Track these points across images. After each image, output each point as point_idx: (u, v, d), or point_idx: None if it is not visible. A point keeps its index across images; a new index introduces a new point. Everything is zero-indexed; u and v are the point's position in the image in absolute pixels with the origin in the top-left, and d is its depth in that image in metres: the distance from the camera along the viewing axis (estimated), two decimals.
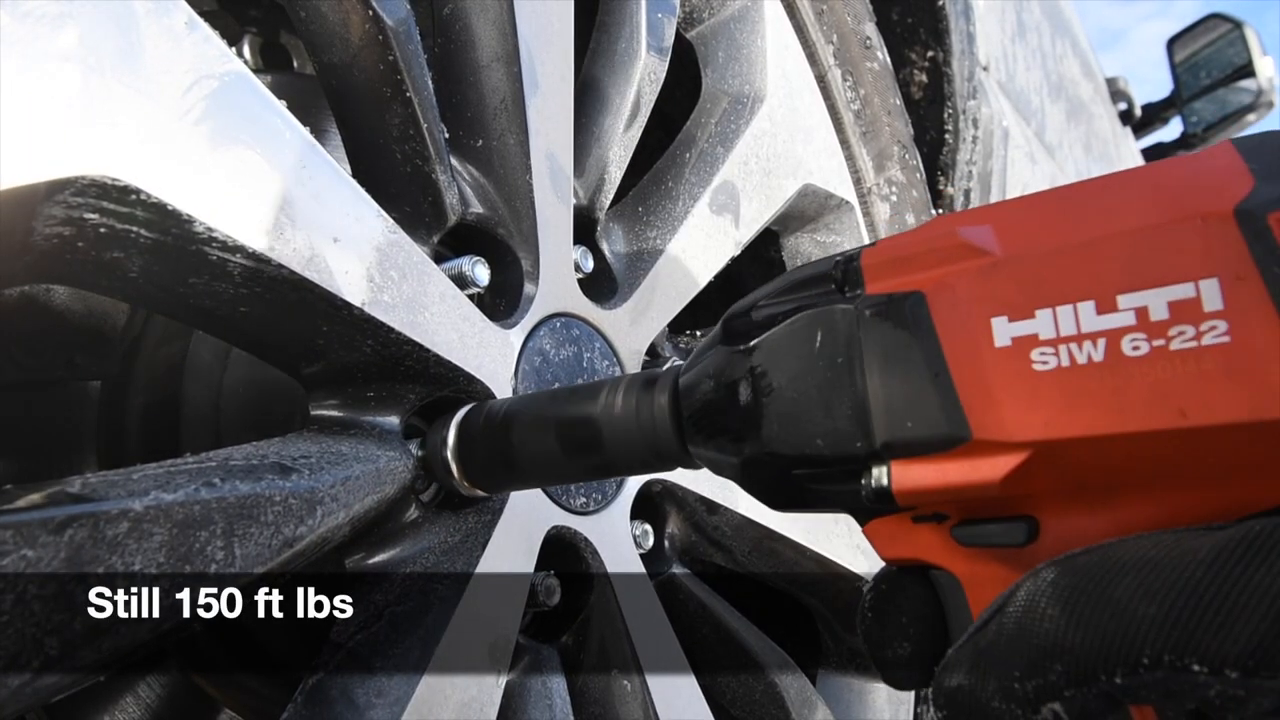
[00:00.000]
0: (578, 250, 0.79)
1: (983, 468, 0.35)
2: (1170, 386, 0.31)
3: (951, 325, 0.36)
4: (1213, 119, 3.76)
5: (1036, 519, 0.36)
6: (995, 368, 0.35)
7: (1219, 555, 0.29)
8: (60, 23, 0.41)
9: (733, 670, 0.88)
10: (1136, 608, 0.30)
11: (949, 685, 0.35)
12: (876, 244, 0.40)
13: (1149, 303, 0.32)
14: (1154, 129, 3.93)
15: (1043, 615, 0.32)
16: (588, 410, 0.51)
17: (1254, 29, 3.62)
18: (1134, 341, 0.32)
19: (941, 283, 0.36)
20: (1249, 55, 3.58)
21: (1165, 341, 0.31)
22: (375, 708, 0.53)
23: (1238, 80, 3.64)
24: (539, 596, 0.69)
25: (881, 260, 0.39)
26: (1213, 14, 3.78)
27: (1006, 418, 0.34)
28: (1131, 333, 0.32)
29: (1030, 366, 0.34)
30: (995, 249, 0.36)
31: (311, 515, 0.49)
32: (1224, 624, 0.28)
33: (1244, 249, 0.30)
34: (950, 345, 0.36)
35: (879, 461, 0.38)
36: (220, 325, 0.54)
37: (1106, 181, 0.35)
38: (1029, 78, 1.90)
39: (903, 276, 0.38)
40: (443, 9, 0.71)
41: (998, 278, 0.35)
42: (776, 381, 0.41)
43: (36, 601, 0.36)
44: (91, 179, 0.41)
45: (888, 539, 0.41)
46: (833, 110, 1.09)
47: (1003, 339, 0.34)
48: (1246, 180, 0.31)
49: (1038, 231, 0.35)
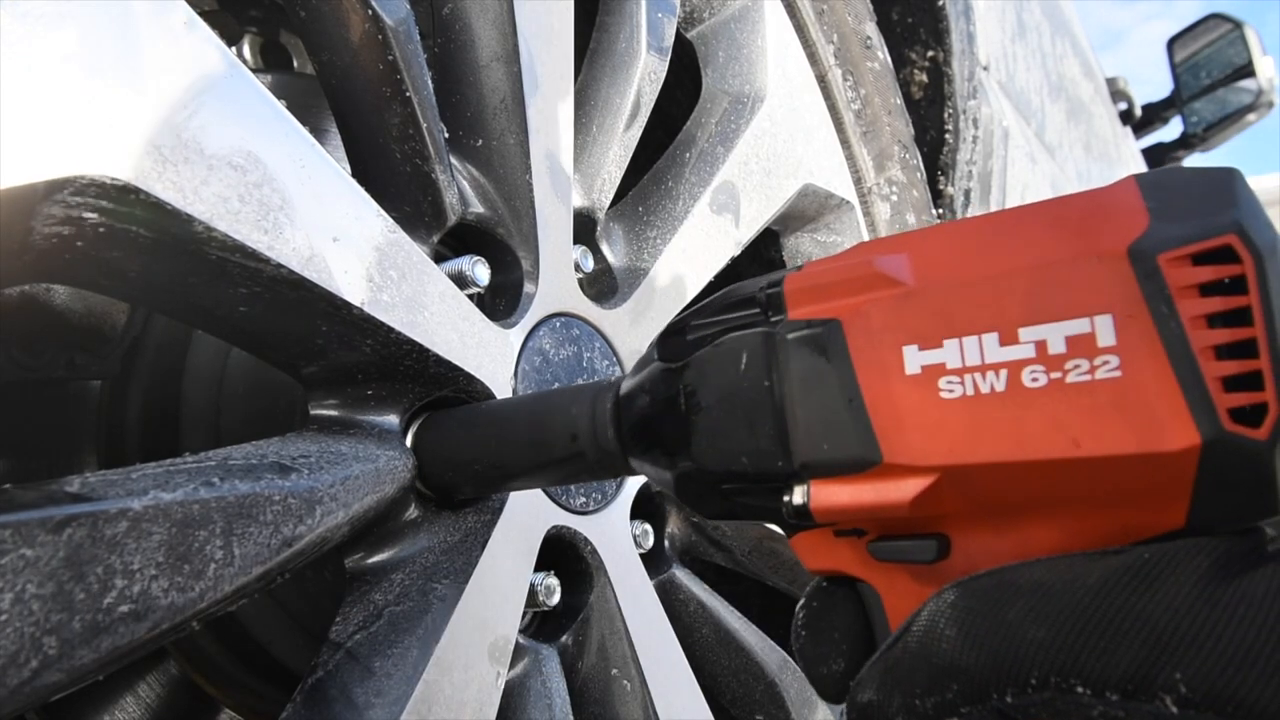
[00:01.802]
0: (578, 250, 0.79)
1: (893, 489, 0.37)
2: (1065, 418, 0.33)
3: (865, 352, 0.37)
4: (1213, 119, 3.76)
5: (948, 536, 0.37)
6: (905, 394, 0.36)
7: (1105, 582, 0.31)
8: (60, 23, 0.41)
9: (733, 670, 0.88)
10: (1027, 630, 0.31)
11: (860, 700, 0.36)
12: (802, 268, 0.42)
13: (1047, 336, 0.33)
14: (1154, 129, 3.93)
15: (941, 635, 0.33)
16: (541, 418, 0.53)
17: (1254, 29, 3.62)
18: (1033, 373, 0.33)
19: (857, 311, 0.38)
20: (1249, 55, 3.58)
21: (1062, 374, 0.33)
22: (375, 708, 0.52)
23: (1238, 80, 3.65)
24: (539, 596, 0.69)
25: (803, 286, 0.40)
26: (1213, 14, 3.79)
27: (914, 442, 0.36)
28: (1031, 365, 0.33)
29: (938, 394, 0.35)
30: (908, 279, 0.37)
31: (311, 515, 0.49)
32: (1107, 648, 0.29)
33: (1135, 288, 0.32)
34: (864, 372, 0.37)
35: (799, 480, 0.40)
36: (220, 325, 0.54)
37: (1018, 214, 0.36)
38: (1029, 78, 1.90)
39: (822, 303, 0.39)
40: (443, 9, 0.71)
41: (910, 308, 0.36)
42: (705, 400, 0.43)
43: (35, 601, 0.36)
44: (90, 178, 0.41)
45: (811, 551, 0.42)
46: (833, 110, 1.09)
47: (913, 367, 0.36)
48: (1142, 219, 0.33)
49: (949, 263, 0.36)
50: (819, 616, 0.42)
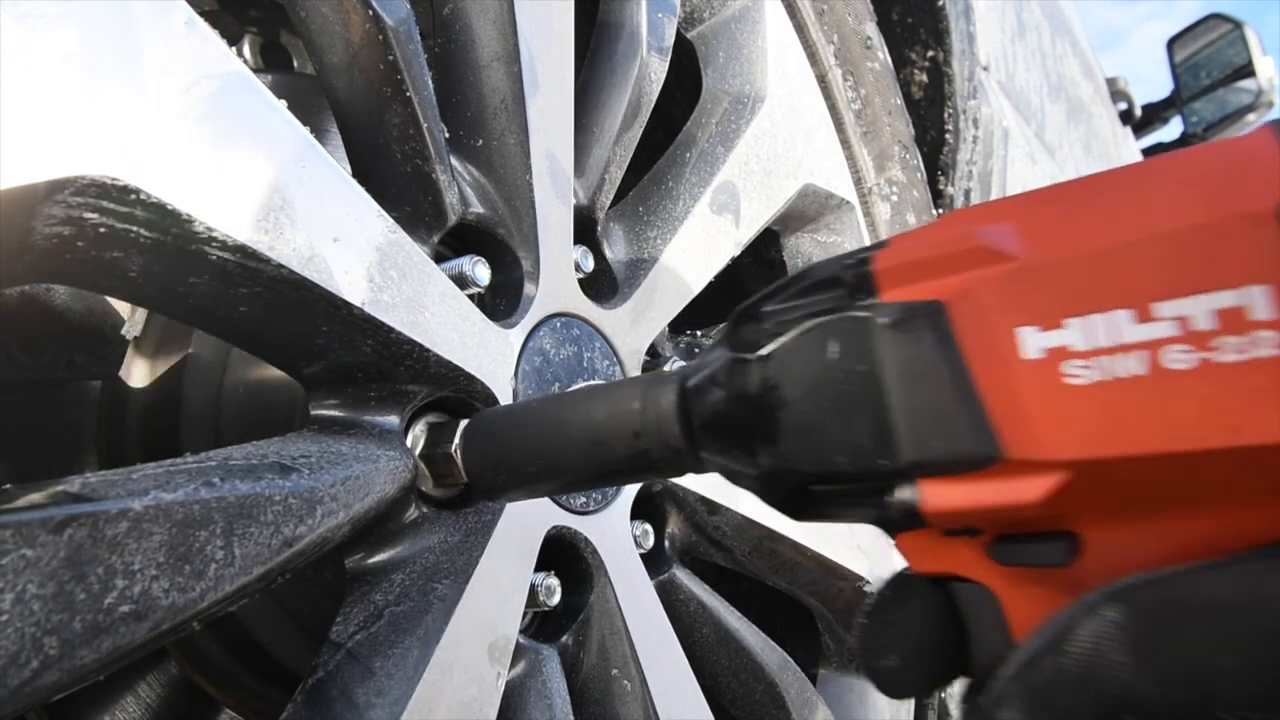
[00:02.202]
0: (578, 250, 0.79)
1: (1018, 488, 0.33)
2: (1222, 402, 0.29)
3: (975, 337, 0.34)
4: (1213, 119, 3.76)
5: (1079, 535, 0.34)
6: (1024, 382, 0.32)
7: None
8: (60, 23, 0.41)
9: (733, 670, 0.88)
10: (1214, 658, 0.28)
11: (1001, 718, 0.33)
12: (888, 244, 0.38)
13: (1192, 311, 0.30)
14: (1154, 129, 3.93)
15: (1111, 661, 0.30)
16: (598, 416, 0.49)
17: (1254, 29, 3.62)
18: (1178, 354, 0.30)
19: (961, 291, 0.34)
20: (1249, 55, 3.58)
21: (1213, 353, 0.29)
22: (375, 708, 0.52)
23: (1238, 80, 3.65)
24: (539, 596, 0.69)
25: (895, 265, 0.37)
26: (1213, 14, 3.79)
27: (1040, 436, 0.32)
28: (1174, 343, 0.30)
29: (1063, 380, 0.32)
30: (1018, 252, 0.33)
31: (311, 515, 0.49)
32: None
33: None
34: (975, 358, 0.34)
35: (906, 480, 0.36)
36: (220, 325, 0.54)
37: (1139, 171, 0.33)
38: (1029, 78, 1.90)
39: (919, 283, 0.36)
40: (443, 9, 0.71)
41: (1023, 284, 0.33)
42: (791, 394, 0.39)
43: (36, 601, 0.36)
44: (91, 178, 0.41)
45: (918, 553, 0.39)
46: (833, 110, 1.09)
47: (1031, 351, 0.32)
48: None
49: (1063, 231, 0.33)
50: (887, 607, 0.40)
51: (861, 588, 1.00)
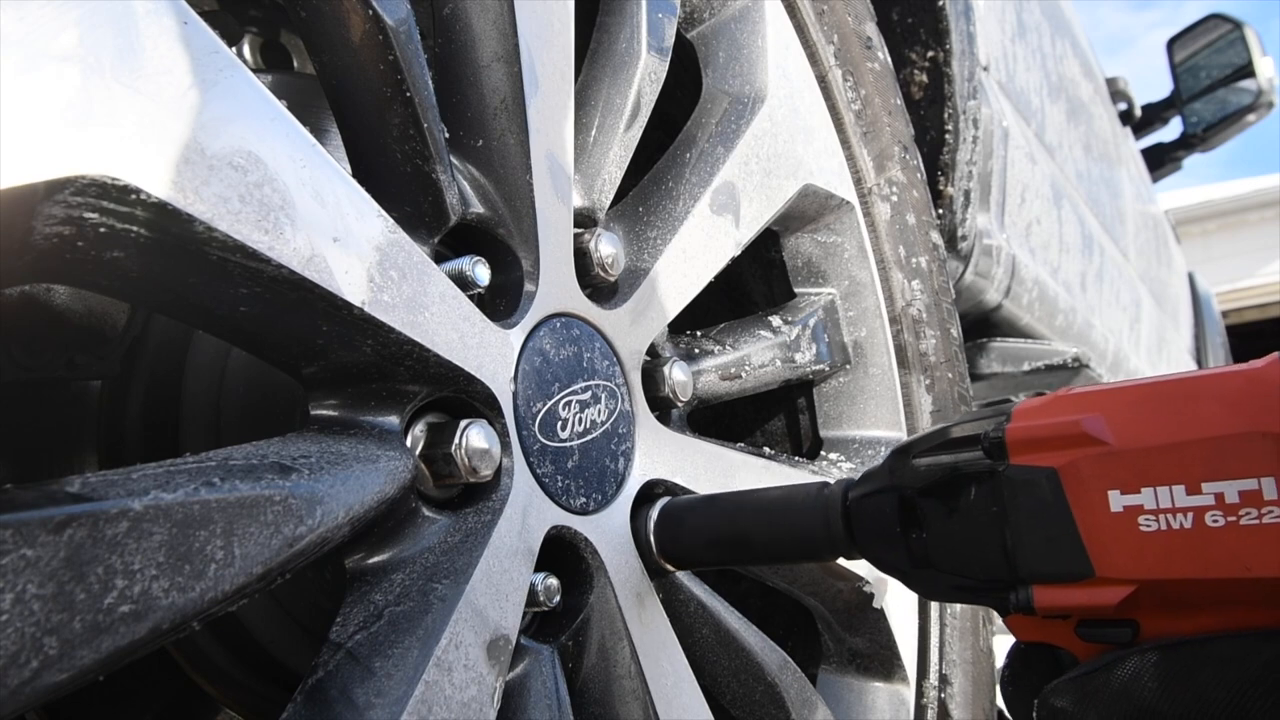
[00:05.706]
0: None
1: (1103, 594, 0.50)
2: (1239, 549, 0.46)
3: (1079, 494, 0.51)
4: (1212, 119, 3.76)
5: (1138, 622, 0.50)
6: (1111, 527, 0.49)
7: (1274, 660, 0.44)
8: (60, 23, 0.41)
9: (733, 670, 0.88)
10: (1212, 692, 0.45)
11: (1054, 704, 0.51)
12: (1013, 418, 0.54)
13: (1225, 490, 0.46)
14: (1154, 129, 3.93)
15: (1144, 685, 0.47)
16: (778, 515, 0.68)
17: (1254, 29, 3.62)
18: (1214, 516, 0.46)
19: (1070, 463, 0.51)
20: (1249, 55, 3.58)
21: (1237, 518, 0.46)
22: (375, 708, 0.52)
23: (1238, 80, 3.65)
24: (539, 597, 0.69)
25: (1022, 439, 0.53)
26: (1213, 14, 3.79)
27: (1120, 562, 0.49)
28: (1212, 510, 0.47)
29: (1138, 528, 0.48)
30: (1109, 439, 0.50)
31: (311, 515, 0.49)
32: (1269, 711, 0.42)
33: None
34: (1078, 509, 0.51)
35: (1022, 585, 0.53)
36: (220, 325, 0.54)
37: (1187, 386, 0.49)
38: (1029, 78, 1.90)
39: (1040, 454, 0.52)
40: (443, 9, 0.71)
41: (1113, 463, 0.50)
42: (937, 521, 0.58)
43: (36, 601, 0.36)
44: (91, 178, 0.41)
45: (1024, 628, 0.56)
46: (833, 110, 1.09)
47: (1117, 506, 0.49)
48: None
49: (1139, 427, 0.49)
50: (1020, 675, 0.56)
51: (861, 588, 1.00)
